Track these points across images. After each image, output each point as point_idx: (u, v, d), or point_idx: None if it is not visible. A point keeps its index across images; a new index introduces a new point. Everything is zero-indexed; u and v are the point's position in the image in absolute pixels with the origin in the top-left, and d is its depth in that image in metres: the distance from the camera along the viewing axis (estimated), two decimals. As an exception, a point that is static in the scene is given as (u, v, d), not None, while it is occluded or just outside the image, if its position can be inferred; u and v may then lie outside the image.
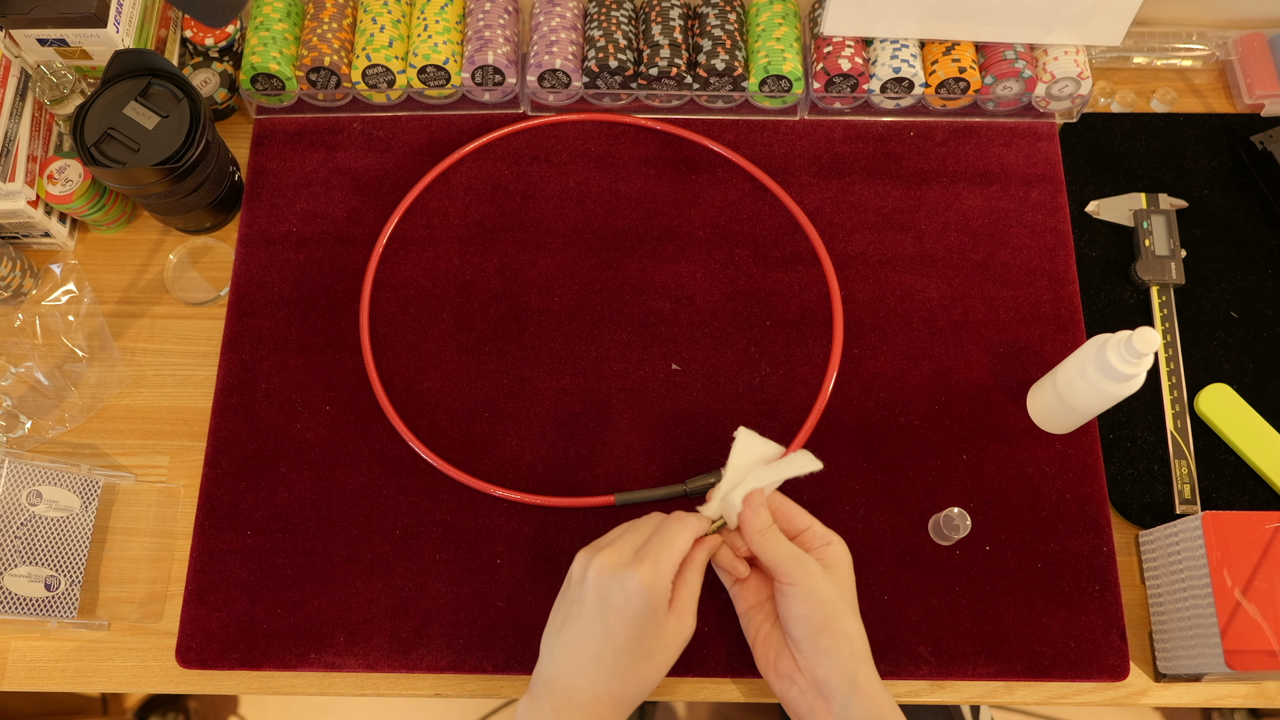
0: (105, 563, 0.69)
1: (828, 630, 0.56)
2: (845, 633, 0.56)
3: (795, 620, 0.57)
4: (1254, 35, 0.81)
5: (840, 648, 0.56)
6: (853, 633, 0.57)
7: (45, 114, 0.74)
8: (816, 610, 0.56)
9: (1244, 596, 0.58)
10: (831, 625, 0.56)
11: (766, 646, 0.60)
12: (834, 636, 0.56)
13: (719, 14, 0.79)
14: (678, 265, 0.75)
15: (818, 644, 0.56)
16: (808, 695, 0.57)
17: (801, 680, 0.57)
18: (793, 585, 0.57)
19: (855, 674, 0.55)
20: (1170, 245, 0.75)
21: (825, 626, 0.56)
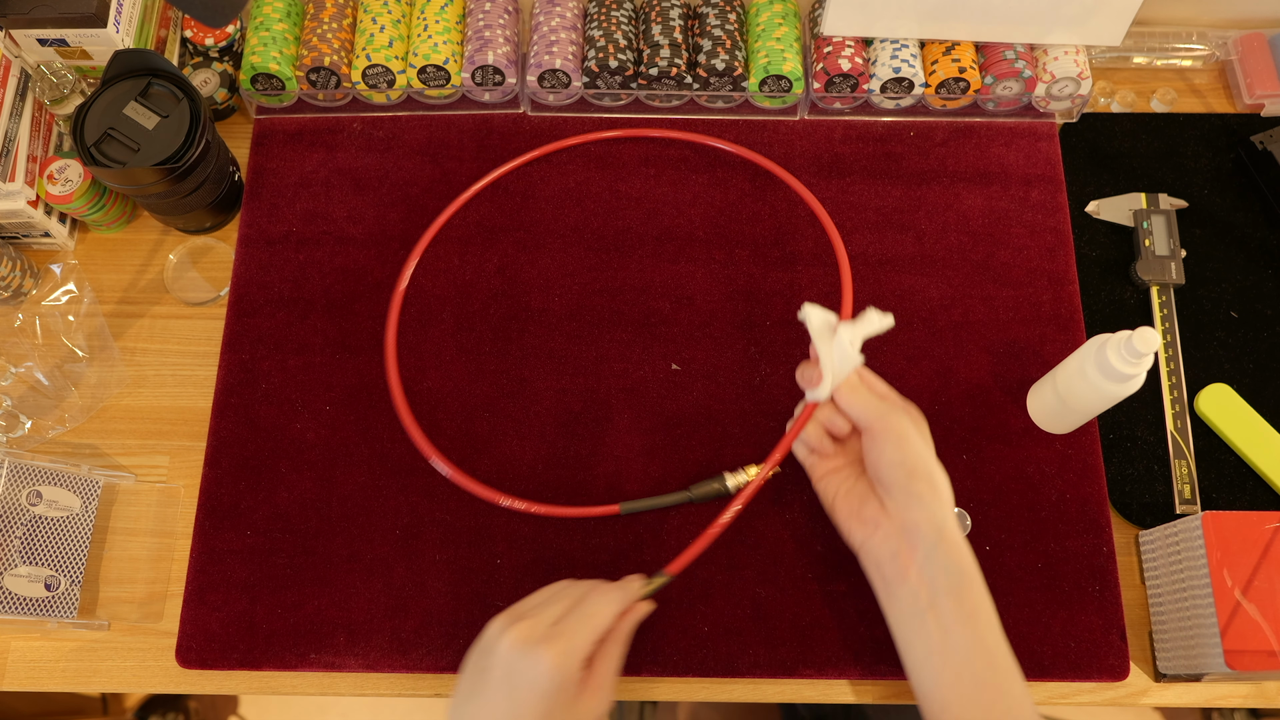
0: (105, 563, 0.69)
1: (920, 476, 0.58)
2: (936, 480, 0.59)
3: (889, 466, 0.59)
4: (1254, 35, 0.81)
5: (932, 494, 0.58)
6: (942, 483, 0.59)
7: (45, 114, 0.74)
8: (910, 455, 0.58)
9: (1244, 596, 0.58)
10: (922, 470, 0.58)
11: (849, 499, 0.62)
12: (927, 482, 0.58)
13: (719, 14, 0.79)
14: (678, 265, 0.75)
15: (910, 489, 0.58)
16: (891, 541, 0.59)
17: (888, 526, 0.59)
18: (885, 432, 0.59)
19: (944, 522, 0.58)
20: (1170, 245, 0.75)
21: (916, 472, 0.58)
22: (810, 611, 0.65)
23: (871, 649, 0.64)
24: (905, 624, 0.58)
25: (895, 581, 0.58)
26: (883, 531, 0.59)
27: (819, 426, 0.63)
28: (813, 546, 0.67)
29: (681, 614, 0.65)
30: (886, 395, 0.62)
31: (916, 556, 0.57)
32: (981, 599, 0.57)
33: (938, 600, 0.57)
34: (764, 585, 0.66)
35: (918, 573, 0.57)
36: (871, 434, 0.60)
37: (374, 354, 0.72)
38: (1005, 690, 0.56)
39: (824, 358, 0.61)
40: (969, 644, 0.56)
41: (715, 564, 0.67)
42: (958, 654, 0.56)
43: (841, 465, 0.64)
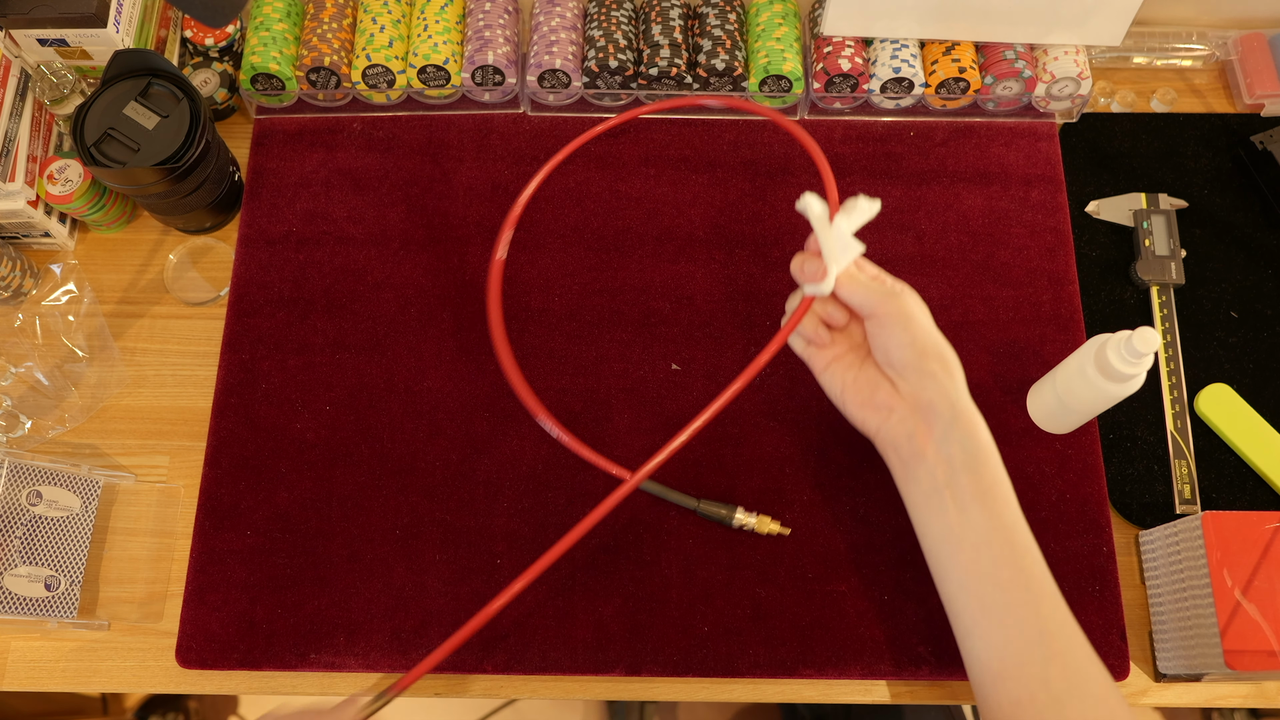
0: (105, 563, 0.69)
1: (931, 354, 0.58)
2: (947, 357, 0.58)
3: (899, 348, 0.58)
4: (1254, 35, 0.81)
5: (945, 372, 0.58)
6: (953, 359, 0.58)
7: (45, 114, 0.74)
8: (920, 334, 0.58)
9: (1244, 596, 0.58)
10: (933, 349, 0.58)
11: (858, 387, 0.61)
12: (939, 360, 0.58)
13: (719, 14, 0.79)
14: (678, 265, 0.75)
15: (923, 368, 0.57)
16: (908, 422, 0.58)
17: (902, 408, 0.59)
18: (891, 316, 0.58)
19: (958, 398, 0.57)
20: (1170, 245, 0.75)
21: (928, 350, 0.58)
22: (810, 611, 0.65)
23: (871, 649, 0.64)
24: (923, 504, 0.58)
25: (913, 462, 0.58)
26: (898, 414, 0.59)
27: (814, 318, 0.62)
28: (813, 546, 0.67)
29: (681, 614, 0.65)
30: (879, 277, 0.61)
31: (934, 434, 0.57)
32: (998, 475, 0.57)
33: (955, 477, 0.56)
34: (764, 585, 0.66)
35: (935, 450, 0.57)
36: (877, 319, 0.59)
37: (374, 354, 0.72)
38: (1023, 568, 0.55)
39: (826, 249, 0.59)
40: (986, 521, 0.55)
41: (715, 564, 0.67)
42: (975, 532, 0.55)
43: (842, 353, 0.63)
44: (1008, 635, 0.54)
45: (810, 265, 0.60)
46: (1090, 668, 0.53)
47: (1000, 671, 0.55)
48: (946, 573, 0.57)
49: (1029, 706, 0.53)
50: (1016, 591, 0.54)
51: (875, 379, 0.61)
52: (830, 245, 0.59)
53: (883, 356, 0.59)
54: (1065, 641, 0.54)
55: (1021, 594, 0.54)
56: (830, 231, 0.60)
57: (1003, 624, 0.54)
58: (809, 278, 0.60)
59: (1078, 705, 0.53)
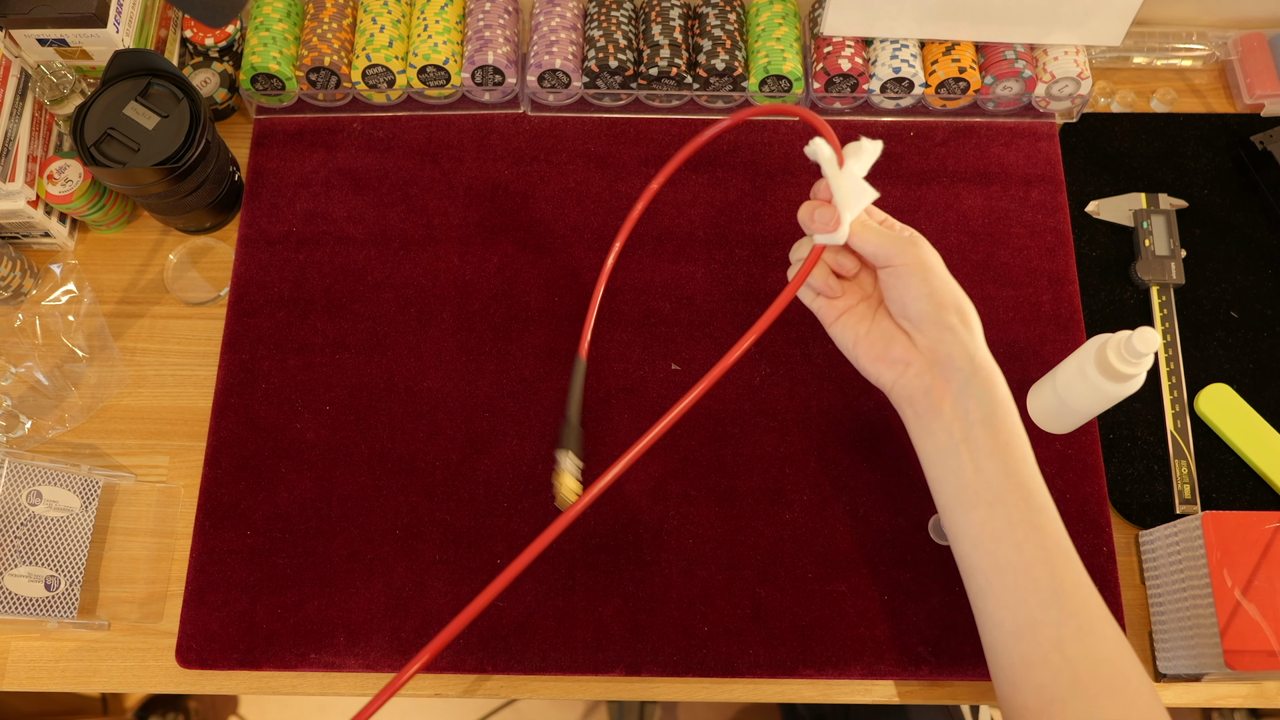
0: (105, 563, 0.69)
1: (949, 307, 0.56)
2: (965, 310, 0.57)
3: (916, 300, 0.56)
4: (1254, 35, 0.81)
5: (964, 324, 0.56)
6: (970, 311, 0.57)
7: (45, 114, 0.74)
8: (938, 287, 0.56)
9: (1244, 596, 0.58)
10: (950, 302, 0.56)
11: (871, 341, 0.59)
12: (957, 313, 0.56)
13: (719, 14, 0.79)
14: (678, 265, 0.75)
15: (941, 320, 0.56)
16: (925, 376, 0.57)
17: (919, 363, 0.57)
18: (908, 266, 0.56)
19: (976, 351, 0.56)
20: (1170, 245, 0.75)
21: (945, 304, 0.56)
22: (810, 611, 0.65)
23: (872, 649, 0.64)
24: (937, 460, 0.57)
25: (929, 416, 0.57)
26: (915, 368, 0.57)
27: (824, 268, 0.60)
28: (813, 546, 0.67)
29: (681, 614, 0.65)
30: (887, 223, 0.60)
31: (951, 388, 0.56)
32: (1015, 430, 0.55)
33: (972, 432, 0.55)
34: (764, 585, 0.66)
35: (952, 405, 0.56)
36: (893, 270, 0.57)
37: (374, 354, 0.72)
38: (1039, 526, 0.54)
39: (839, 194, 0.57)
40: (1002, 478, 0.54)
41: (715, 564, 0.67)
42: (990, 489, 0.54)
43: (854, 303, 0.61)
44: (1022, 594, 0.53)
45: (823, 213, 0.58)
46: (1104, 627, 0.52)
47: (1014, 631, 0.54)
48: (961, 530, 0.56)
49: (1041, 667, 0.52)
50: (1031, 549, 0.53)
51: (890, 331, 0.59)
52: (844, 190, 0.57)
53: (898, 308, 0.58)
54: (1080, 601, 0.53)
55: (1036, 552, 0.53)
56: (843, 176, 0.57)
57: (1017, 583, 0.53)
58: (821, 226, 0.58)
59: (1090, 664, 0.52)
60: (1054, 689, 0.52)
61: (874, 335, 0.59)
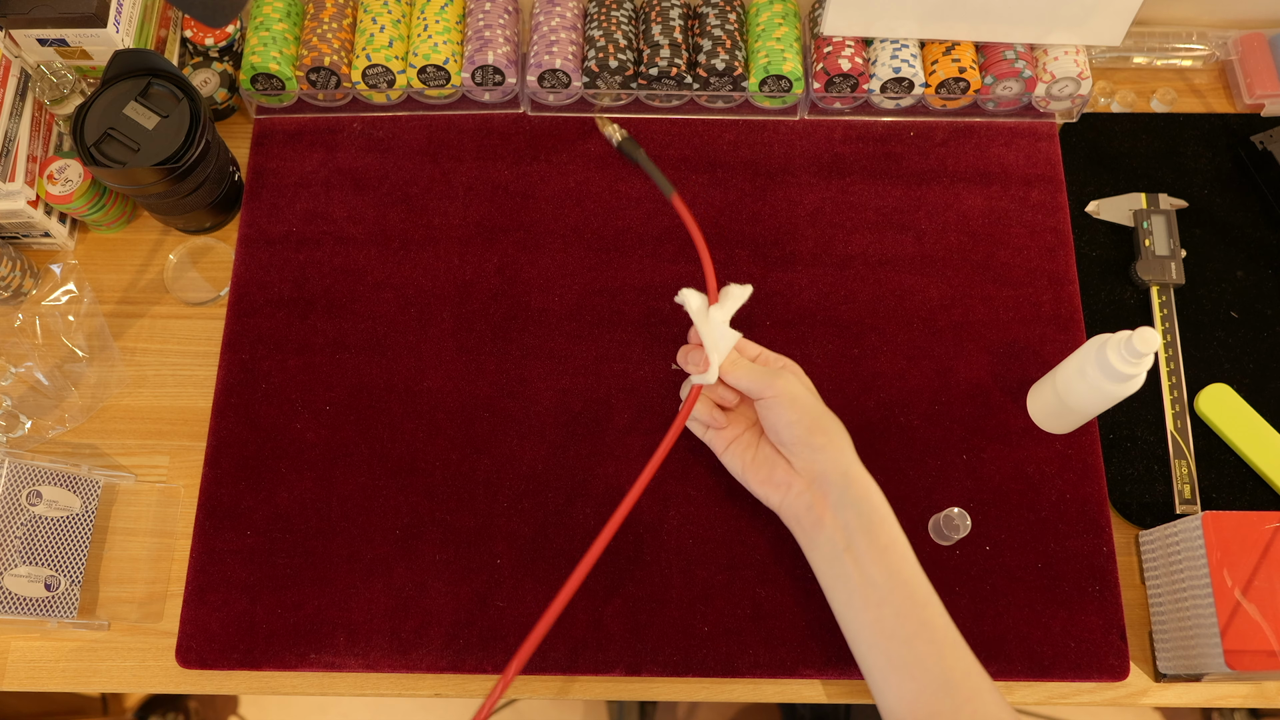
0: (105, 563, 0.69)
1: (818, 429, 0.61)
2: (832, 430, 0.62)
3: (787, 426, 0.61)
4: (1254, 35, 0.81)
5: (832, 443, 0.61)
6: (836, 429, 0.62)
7: (45, 114, 0.74)
8: (805, 413, 0.61)
9: (1244, 596, 0.58)
10: (820, 424, 0.62)
11: (757, 466, 0.64)
12: (825, 434, 0.61)
13: (719, 14, 0.79)
14: (678, 265, 0.75)
15: (811, 442, 0.61)
16: (805, 494, 0.62)
17: (798, 484, 0.62)
18: (776, 396, 0.62)
19: (848, 466, 0.61)
20: (1170, 245, 0.75)
21: (815, 426, 0.61)
22: (810, 611, 0.65)
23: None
24: (826, 569, 0.61)
25: (814, 530, 0.61)
26: (796, 489, 0.62)
27: (707, 402, 0.66)
28: (813, 546, 0.67)
29: (681, 614, 0.65)
30: (761, 355, 0.66)
31: (829, 502, 0.60)
32: (894, 534, 0.59)
33: (853, 540, 0.59)
34: (764, 585, 0.66)
35: (832, 517, 0.60)
36: (764, 402, 0.62)
37: (374, 354, 0.72)
38: (926, 620, 0.57)
39: (707, 340, 0.64)
40: (886, 579, 0.58)
41: (715, 564, 0.67)
42: (876, 590, 0.58)
43: (740, 433, 0.66)
44: (917, 686, 0.56)
45: (694, 356, 0.65)
46: (997, 710, 0.55)
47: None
48: (855, 632, 0.59)
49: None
50: (921, 644, 0.56)
51: (772, 457, 0.64)
52: (710, 336, 0.64)
53: (774, 435, 0.63)
54: (971, 689, 0.56)
55: (926, 645, 0.56)
56: (708, 323, 0.64)
57: (911, 675, 0.56)
58: (694, 367, 0.65)
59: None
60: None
61: (759, 461, 0.64)
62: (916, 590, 0.58)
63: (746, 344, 0.66)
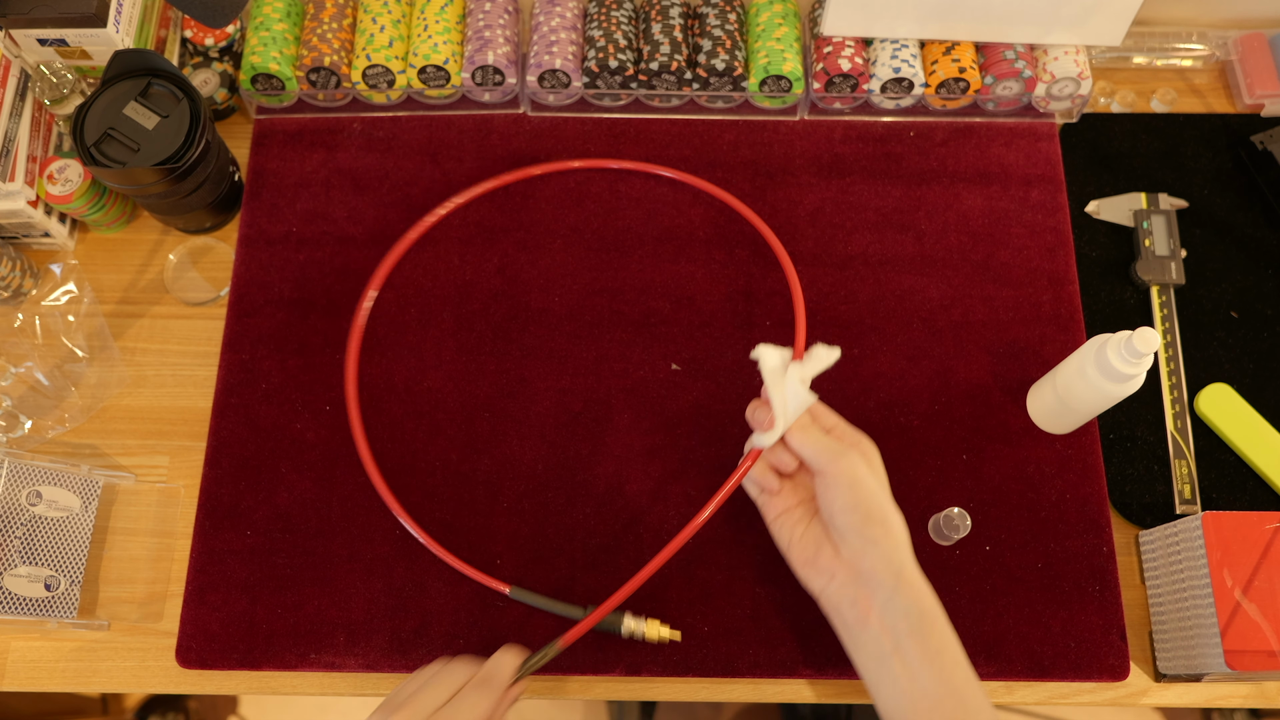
0: (105, 563, 0.69)
1: (874, 519, 0.56)
2: (891, 523, 0.57)
3: (842, 511, 0.57)
4: (1254, 35, 0.81)
5: (888, 538, 0.56)
6: (897, 525, 0.57)
7: (45, 114, 0.74)
8: (864, 499, 0.57)
9: (1244, 596, 0.58)
10: (877, 514, 0.57)
11: (804, 545, 0.60)
12: (881, 525, 0.57)
13: (719, 14, 0.79)
14: (678, 265, 0.75)
15: (865, 533, 0.56)
16: (849, 588, 0.57)
17: (843, 574, 0.57)
18: (837, 476, 0.57)
19: (902, 566, 0.56)
20: (1170, 245, 0.75)
21: (871, 516, 0.56)
22: (810, 611, 0.65)
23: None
24: (871, 668, 0.57)
25: (857, 627, 0.57)
26: (839, 579, 0.58)
27: (762, 463, 0.62)
28: (813, 546, 0.67)
29: (681, 614, 0.65)
30: (836, 428, 0.61)
31: (876, 602, 0.56)
32: (946, 638, 0.56)
33: (901, 643, 0.55)
34: (764, 585, 0.66)
35: (878, 618, 0.56)
36: (824, 477, 0.58)
37: (374, 354, 0.72)
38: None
39: (776, 401, 0.59)
40: (936, 685, 0.54)
41: (715, 564, 0.67)
42: (926, 697, 0.54)
43: (794, 505, 0.62)
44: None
45: (759, 414, 0.60)
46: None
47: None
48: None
49: None
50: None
51: (820, 538, 0.59)
52: (780, 399, 0.59)
53: (827, 516, 0.58)
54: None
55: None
56: (781, 385, 0.59)
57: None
58: (759, 425, 0.60)
59: None
60: None
61: (807, 539, 0.60)
62: (968, 697, 0.54)
63: (825, 412, 0.61)
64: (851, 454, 0.58)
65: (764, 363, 0.60)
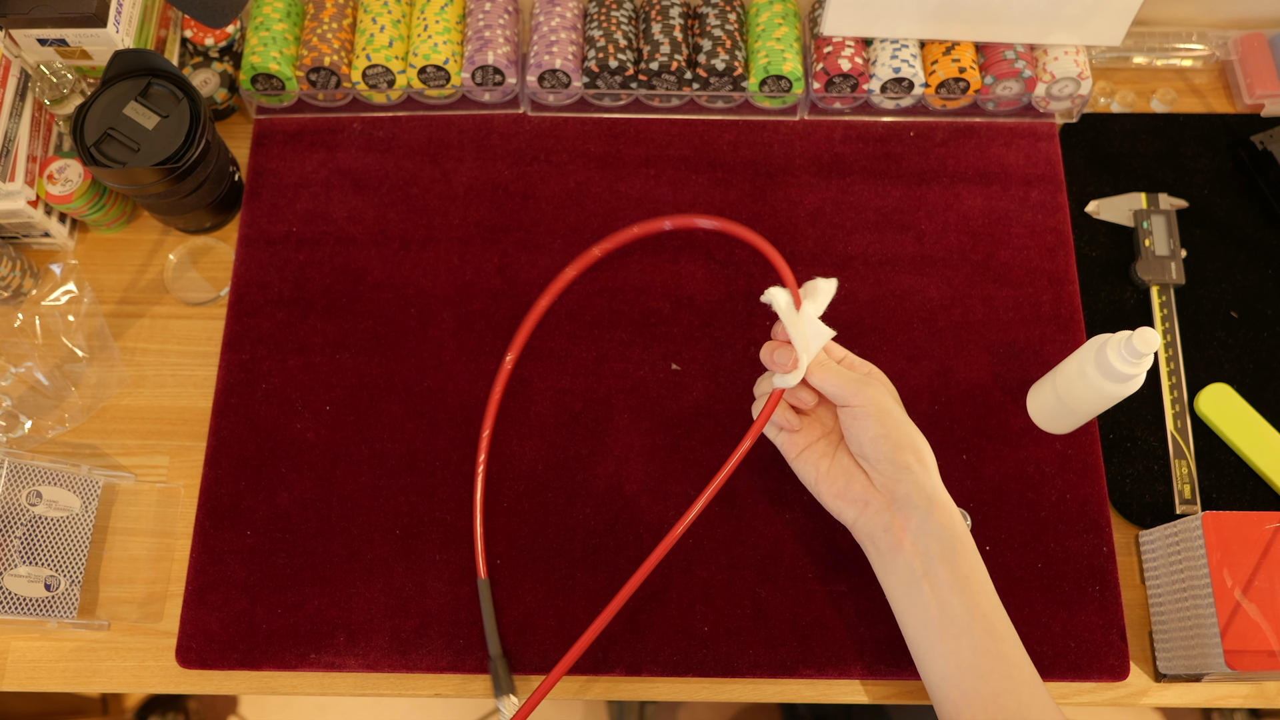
0: (105, 563, 0.69)
1: (905, 446, 0.58)
2: (920, 449, 0.59)
3: (873, 441, 0.58)
4: (1254, 35, 0.81)
5: (919, 463, 0.58)
6: (926, 449, 0.59)
7: (45, 114, 0.74)
8: (893, 428, 0.58)
9: (1244, 596, 0.58)
10: (907, 441, 0.58)
11: (833, 478, 0.61)
12: (913, 451, 0.58)
13: (719, 14, 0.79)
14: (678, 265, 0.75)
15: (897, 460, 0.58)
16: (883, 514, 0.59)
17: (878, 501, 0.59)
18: (864, 406, 0.58)
19: (934, 490, 0.58)
20: (1170, 245, 0.75)
21: (901, 443, 0.58)
22: (810, 611, 0.65)
23: (872, 649, 0.64)
24: (902, 594, 0.58)
25: (890, 553, 0.58)
26: (874, 507, 0.59)
27: (784, 403, 0.62)
28: (813, 546, 0.67)
29: (681, 614, 0.65)
30: (847, 358, 0.62)
31: (910, 526, 0.58)
32: (975, 565, 0.57)
33: (932, 568, 0.56)
34: (764, 585, 0.66)
35: (912, 542, 0.57)
36: (851, 411, 0.59)
37: (374, 354, 0.72)
38: (1003, 655, 0.55)
39: (797, 337, 0.59)
40: (965, 611, 0.56)
41: (715, 564, 0.67)
42: (954, 623, 0.56)
43: (815, 439, 0.63)
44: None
45: (781, 354, 0.60)
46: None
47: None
48: (929, 662, 0.57)
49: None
50: (998, 679, 0.55)
51: (849, 469, 0.61)
52: (801, 333, 0.59)
53: (856, 448, 0.60)
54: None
55: (1003, 681, 0.55)
56: (800, 319, 0.60)
57: (986, 711, 0.54)
58: (780, 367, 0.60)
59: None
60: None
61: (835, 472, 0.61)
62: (996, 624, 0.56)
63: (832, 346, 0.62)
64: (874, 384, 0.59)
65: (778, 303, 0.60)
